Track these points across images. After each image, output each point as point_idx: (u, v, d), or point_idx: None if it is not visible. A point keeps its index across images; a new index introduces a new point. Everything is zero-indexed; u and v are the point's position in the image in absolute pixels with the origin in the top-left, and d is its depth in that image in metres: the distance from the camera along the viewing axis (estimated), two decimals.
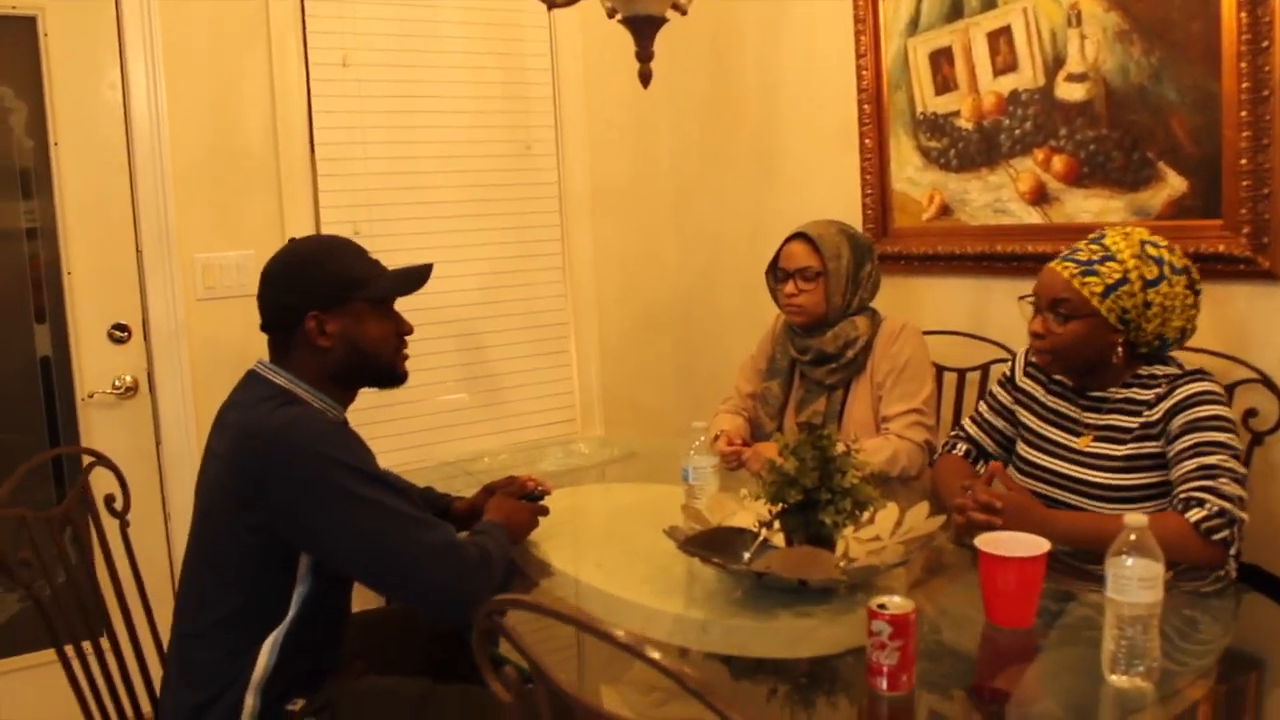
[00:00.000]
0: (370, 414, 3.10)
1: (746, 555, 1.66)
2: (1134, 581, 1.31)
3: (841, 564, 1.65)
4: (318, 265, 1.73)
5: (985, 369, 2.60)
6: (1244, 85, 2.05)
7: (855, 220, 2.92)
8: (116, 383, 2.76)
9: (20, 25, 2.63)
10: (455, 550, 1.58)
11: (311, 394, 1.70)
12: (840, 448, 1.69)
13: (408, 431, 3.20)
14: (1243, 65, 2.05)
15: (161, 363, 2.80)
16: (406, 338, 1.84)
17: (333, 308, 1.70)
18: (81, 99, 2.70)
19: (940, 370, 2.69)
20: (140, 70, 2.73)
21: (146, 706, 1.90)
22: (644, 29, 1.98)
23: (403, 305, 3.07)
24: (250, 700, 1.60)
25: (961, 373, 2.66)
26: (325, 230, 3.00)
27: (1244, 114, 2.06)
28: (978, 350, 2.63)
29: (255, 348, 1.77)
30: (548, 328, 3.45)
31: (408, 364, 1.88)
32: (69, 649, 1.70)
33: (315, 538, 1.58)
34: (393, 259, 3.05)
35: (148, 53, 2.74)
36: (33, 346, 2.72)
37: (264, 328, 1.74)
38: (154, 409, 2.81)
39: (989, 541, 1.52)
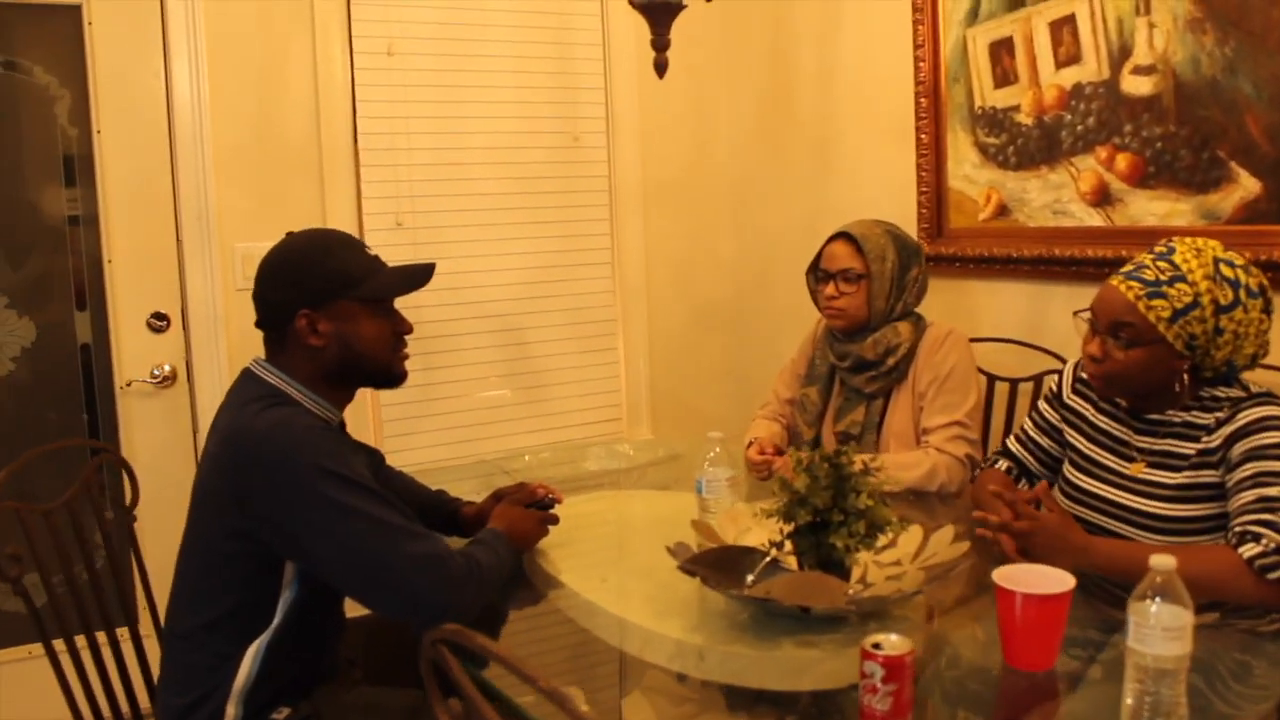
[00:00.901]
0: (410, 409, 3.09)
1: (750, 578, 1.56)
2: (1158, 631, 1.18)
3: (852, 591, 1.54)
4: (311, 262, 1.67)
5: (1038, 380, 2.44)
6: None
7: (910, 219, 2.79)
8: (155, 371, 2.77)
9: (65, 14, 2.64)
10: (440, 561, 1.52)
11: (304, 394, 1.65)
12: (858, 466, 1.58)
13: (448, 427, 3.16)
14: None
15: (200, 352, 2.80)
16: (406, 337, 1.76)
17: (325, 306, 1.64)
18: (125, 87, 2.71)
19: (991, 380, 2.55)
20: (183, 58, 2.72)
21: (148, 705, 1.87)
22: (660, 16, 1.89)
23: (443, 300, 3.08)
24: (232, 709, 1.55)
25: (1014, 383, 2.52)
26: (367, 221, 2.98)
27: None
28: (1032, 359, 2.48)
29: None
30: (595, 324, 3.38)
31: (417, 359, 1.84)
32: (59, 644, 1.67)
33: (298, 545, 1.53)
34: (435, 251, 3.07)
35: (191, 40, 2.73)
36: (73, 334, 2.74)
37: (258, 325, 1.70)
38: (191, 398, 2.81)
39: (1007, 576, 1.39)
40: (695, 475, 1.94)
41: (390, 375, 1.75)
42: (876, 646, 1.22)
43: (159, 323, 2.77)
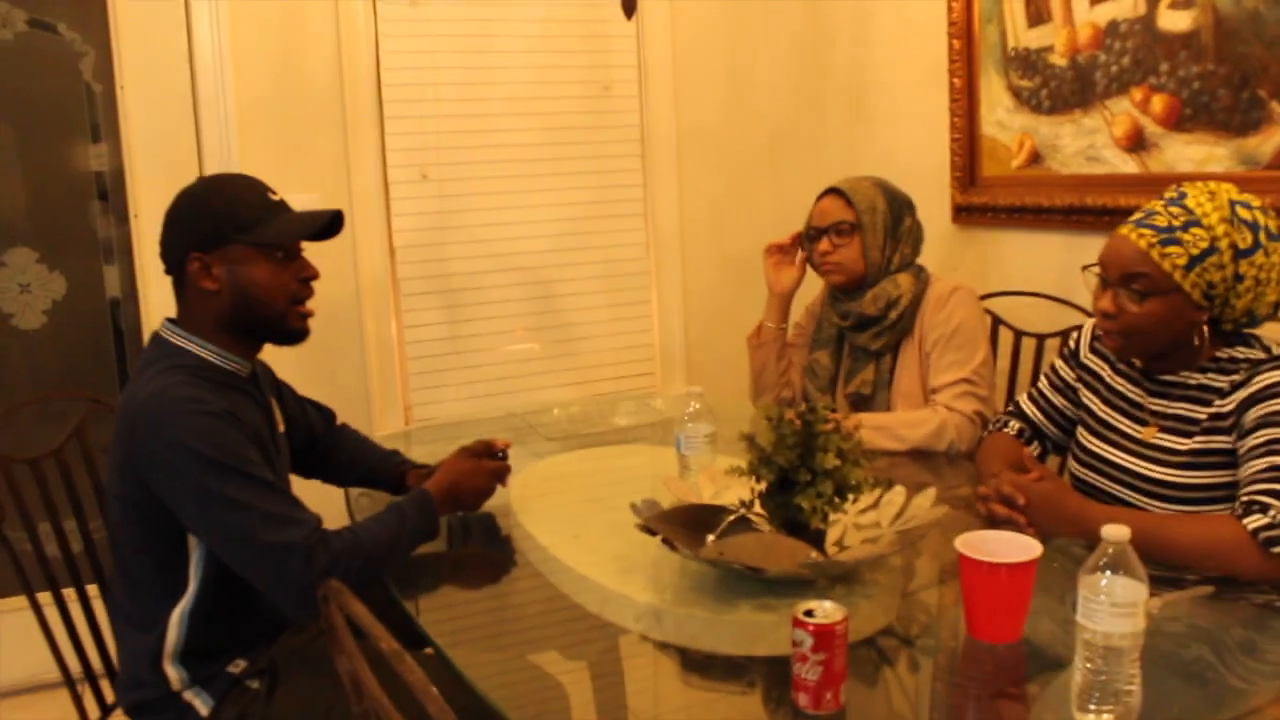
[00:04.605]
0: (437, 362, 3.08)
1: (710, 537, 1.51)
2: (1106, 606, 1.10)
3: (815, 555, 1.47)
4: (204, 205, 1.60)
5: (1067, 335, 2.32)
6: None
7: (942, 168, 2.68)
8: None
9: None
10: (296, 551, 1.45)
11: (205, 348, 1.60)
12: (829, 425, 1.51)
13: (476, 380, 3.15)
14: None
15: None
16: (312, 283, 1.68)
17: (216, 249, 1.57)
18: (147, 42, 2.72)
19: (1018, 335, 2.44)
20: (204, 11, 2.72)
21: None
22: None
23: (470, 252, 3.06)
24: (172, 672, 1.56)
25: (1041, 338, 2.40)
26: (391, 173, 2.97)
27: None
28: (1062, 314, 2.36)
29: (321, 292, 1.67)
30: (627, 276, 3.32)
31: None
32: (44, 597, 1.70)
33: (180, 518, 1.51)
34: (462, 203, 3.05)
35: None
36: (102, 288, 2.78)
37: (166, 273, 1.64)
38: None
39: (971, 543, 1.32)
40: (675, 431, 1.89)
41: (285, 329, 1.66)
42: (809, 614, 1.16)
43: None
